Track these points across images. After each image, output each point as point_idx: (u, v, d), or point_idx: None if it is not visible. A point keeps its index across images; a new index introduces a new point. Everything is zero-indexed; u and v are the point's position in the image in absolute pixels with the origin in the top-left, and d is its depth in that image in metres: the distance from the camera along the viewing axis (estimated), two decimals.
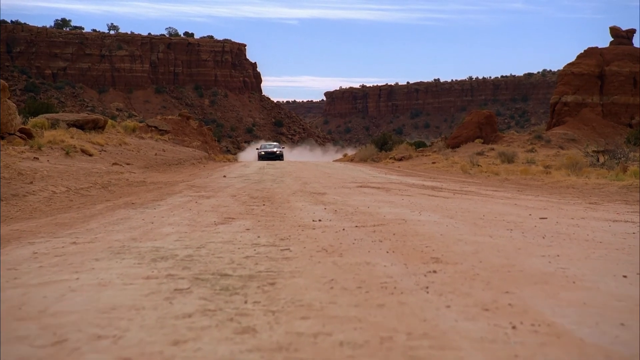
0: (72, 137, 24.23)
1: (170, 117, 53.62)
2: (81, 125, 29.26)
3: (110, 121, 34.80)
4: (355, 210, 5.47)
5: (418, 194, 8.17)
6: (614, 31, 54.54)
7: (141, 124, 53.16)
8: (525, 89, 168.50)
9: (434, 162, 37.10)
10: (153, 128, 52.86)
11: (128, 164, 20.92)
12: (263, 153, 42.38)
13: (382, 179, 15.01)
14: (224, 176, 16.26)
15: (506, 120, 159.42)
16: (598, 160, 35.41)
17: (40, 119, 27.75)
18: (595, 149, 40.15)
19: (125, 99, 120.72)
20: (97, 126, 30.47)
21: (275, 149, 43.81)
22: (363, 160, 50.12)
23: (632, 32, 54.07)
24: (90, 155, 20.97)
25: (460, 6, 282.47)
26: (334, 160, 52.69)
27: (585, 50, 52.98)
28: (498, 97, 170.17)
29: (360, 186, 10.52)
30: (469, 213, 5.71)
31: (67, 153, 20.00)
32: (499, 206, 6.43)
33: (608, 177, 20.20)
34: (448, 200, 6.95)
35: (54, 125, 27.66)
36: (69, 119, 29.30)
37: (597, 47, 53.63)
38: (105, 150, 23.22)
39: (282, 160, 40.95)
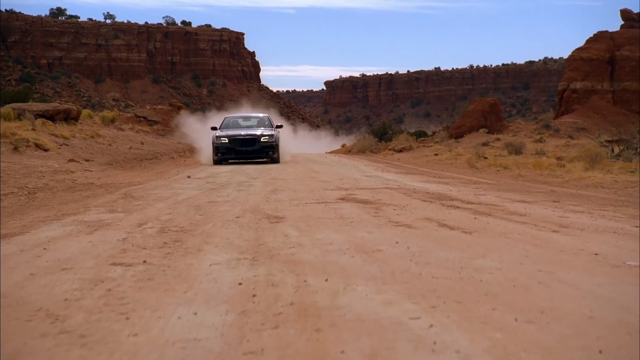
0: (33, 130, 21.48)
1: (160, 107, 50.81)
2: (51, 116, 26.39)
3: (86, 111, 31.99)
4: (296, 292, 2.65)
5: (422, 218, 5.38)
6: (625, 14, 51.56)
7: (129, 114, 50.36)
8: (526, 77, 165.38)
9: (436, 154, 34.23)
10: (142, 119, 50.01)
11: (88, 161, 18.13)
12: (226, 142, 18.92)
13: (377, 180, 12.22)
14: (188, 177, 13.51)
15: (507, 109, 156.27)
16: (613, 150, 32.68)
17: (6, 109, 24.89)
18: (609, 139, 37.33)
19: (122, 88, 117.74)
20: (69, 117, 27.59)
21: (258, 131, 19.35)
22: (361, 151, 47.27)
23: None
24: (46, 150, 18.19)
25: None
26: (330, 152, 49.77)
27: (594, 35, 50.00)
28: (499, 85, 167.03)
29: (344, 198, 7.72)
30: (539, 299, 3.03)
31: (16, 148, 17.20)
32: (568, 255, 3.61)
33: (638, 174, 17.47)
34: (474, 239, 4.17)
35: (20, 116, 24.78)
36: (37, 109, 26.44)
37: (607, 31, 50.63)
38: (67, 144, 20.44)
39: (275, 155, 19.20)
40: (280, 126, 21.52)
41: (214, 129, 20.15)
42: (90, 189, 11.31)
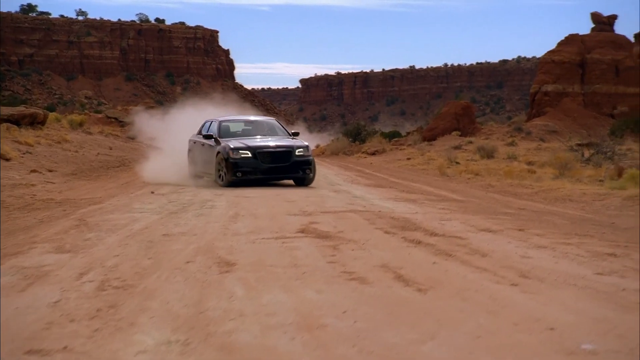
0: None
1: (131, 107, 50.14)
2: (16, 121, 25.80)
3: (53, 115, 31.38)
4: None
5: (379, 265, 5.17)
6: (596, 17, 51.91)
7: (99, 115, 49.64)
8: (500, 75, 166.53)
9: (408, 158, 34.15)
10: (113, 120, 49.31)
11: (51, 171, 17.68)
12: (248, 156, 14.31)
13: (344, 198, 11.98)
14: (152, 192, 13.17)
15: (481, 107, 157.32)
16: (583, 155, 32.78)
17: None
18: (579, 142, 37.47)
19: (95, 86, 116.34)
20: (35, 121, 27.02)
21: (286, 142, 15.15)
22: (335, 153, 47.09)
23: (613, 18, 51.44)
24: (8, 159, 17.71)
25: None
26: None
27: (566, 37, 50.28)
28: (473, 84, 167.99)
29: (304, 230, 7.50)
30: None
31: None
32: (522, 331, 3.36)
33: (607, 185, 17.42)
34: (428, 304, 3.93)
35: None
36: (2, 114, 25.85)
37: (578, 34, 50.96)
38: (31, 152, 19.94)
39: (312, 174, 15.03)
40: (297, 134, 16.15)
41: (208, 137, 15.17)
42: (48, 208, 10.96)
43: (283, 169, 14.58)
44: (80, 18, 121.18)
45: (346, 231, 7.43)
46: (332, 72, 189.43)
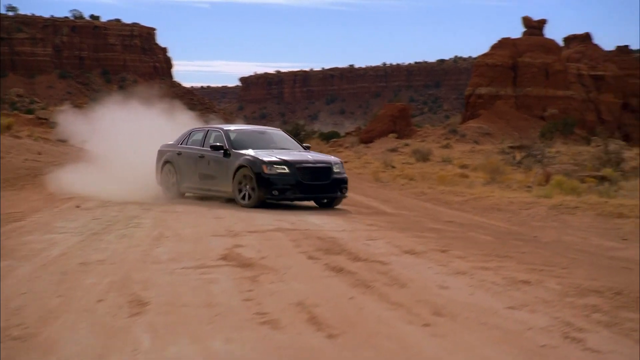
0: None
1: (58, 107, 48.80)
2: None
3: None
4: None
5: (295, 303, 5.08)
6: (527, 21, 53.17)
7: (30, 116, 48.22)
8: (437, 75, 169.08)
9: (345, 162, 34.27)
10: (44, 121, 47.94)
11: None
12: (286, 172, 12.33)
13: (274, 212, 11.88)
14: (77, 206, 12.79)
15: (419, 106, 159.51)
16: (514, 158, 33.56)
17: None
18: (511, 145, 38.37)
19: (27, 84, 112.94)
20: None
21: (322, 157, 13.82)
22: None
23: (543, 22, 52.77)
24: None
25: None
26: None
27: (499, 41, 51.36)
28: (411, 83, 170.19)
29: (226, 256, 7.38)
30: None
31: None
32: None
33: (534, 192, 17.82)
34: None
35: None
36: None
37: (510, 38, 52.11)
38: None
39: (346, 194, 13.50)
40: (308, 147, 14.40)
41: (216, 148, 13.07)
42: None
43: (322, 188, 12.72)
44: (10, 14, 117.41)
45: (269, 257, 7.35)
46: (271, 71, 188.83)
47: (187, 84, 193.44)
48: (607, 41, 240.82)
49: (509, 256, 7.85)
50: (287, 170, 12.33)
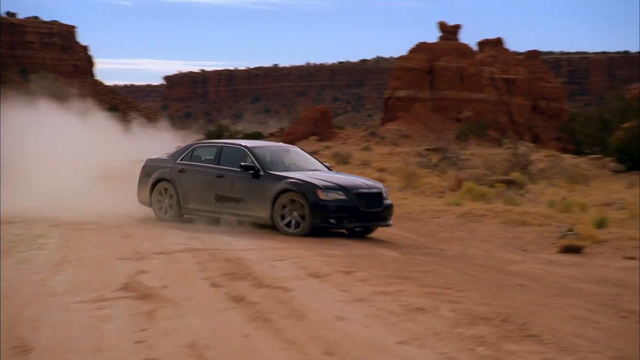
0: None
1: None
2: None
3: None
4: None
5: (187, 344, 5.00)
6: (442, 26, 54.29)
7: None
8: (360, 74, 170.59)
9: None
10: None
11: None
12: (343, 198, 11.07)
13: (185, 230, 11.64)
14: None
15: (343, 105, 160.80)
16: (430, 161, 34.20)
17: None
18: (428, 147, 39.13)
19: None
20: None
21: (369, 181, 12.25)
22: None
23: (457, 27, 54.05)
24: None
25: None
26: None
27: (416, 45, 52.25)
28: (335, 82, 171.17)
29: (127, 285, 7.20)
30: None
31: None
32: None
33: (445, 199, 18.13)
34: None
35: None
36: None
37: (427, 43, 53.12)
38: None
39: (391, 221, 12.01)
40: (330, 167, 13.05)
41: (246, 168, 11.53)
42: None
43: (376, 215, 11.46)
44: None
45: (171, 285, 7.20)
46: (196, 70, 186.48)
47: (110, 82, 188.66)
48: (517, 46, 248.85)
49: (410, 277, 7.93)
50: (344, 197, 11.00)
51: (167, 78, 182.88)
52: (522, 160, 28.82)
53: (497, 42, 57.92)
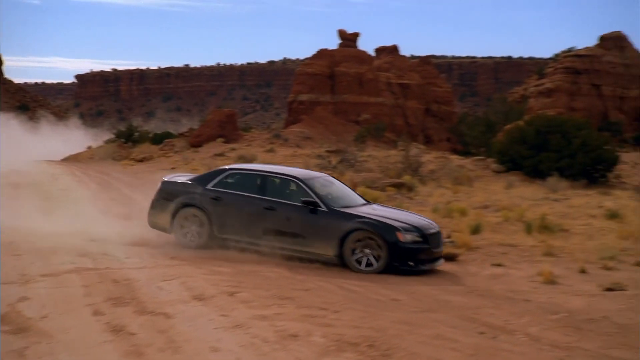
0: None
1: None
2: None
3: None
4: None
5: None
6: (342, 34, 54.81)
7: None
8: (268, 75, 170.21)
9: (173, 168, 33.42)
10: None
11: None
12: (419, 239, 10.18)
13: (79, 241, 11.14)
14: None
15: (252, 104, 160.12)
16: (330, 162, 34.38)
17: None
18: (329, 149, 39.33)
19: None
20: None
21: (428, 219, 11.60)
22: (104, 158, 44.78)
23: (356, 35, 54.72)
24: None
25: None
26: (70, 158, 45.99)
27: (318, 52, 52.56)
28: (244, 82, 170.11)
29: (4, 317, 6.79)
30: None
31: None
32: None
33: None
34: None
35: None
36: None
37: (328, 49, 53.53)
38: None
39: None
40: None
41: (309, 203, 10.42)
42: None
43: (439, 256, 10.70)
44: None
45: (52, 315, 6.84)
46: (108, 69, 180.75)
47: (20, 79, 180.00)
48: (414, 49, 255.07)
49: (291, 297, 7.88)
50: (419, 238, 10.14)
51: (78, 76, 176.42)
52: (413, 163, 29.42)
53: (393, 49, 59.06)
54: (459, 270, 10.74)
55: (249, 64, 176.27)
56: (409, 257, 10.00)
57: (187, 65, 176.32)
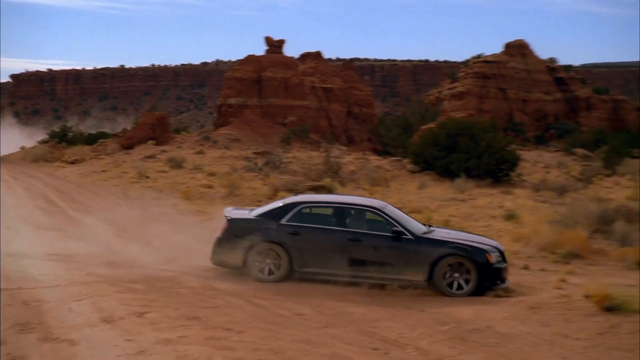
0: None
1: None
2: None
3: None
4: None
5: None
6: (268, 41, 54.47)
7: None
8: (202, 76, 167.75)
9: (104, 171, 32.41)
10: None
11: None
12: (496, 262, 10.10)
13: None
14: None
15: (186, 104, 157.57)
16: (256, 164, 34.13)
17: None
18: (256, 150, 39.05)
19: None
20: None
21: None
22: (36, 160, 42.99)
23: (282, 41, 54.53)
24: None
25: None
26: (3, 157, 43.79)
27: (245, 58, 52.10)
28: (179, 82, 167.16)
29: None
30: None
31: None
32: None
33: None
34: None
35: None
36: None
37: (255, 55, 53.13)
38: None
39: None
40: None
41: (398, 233, 10.25)
42: None
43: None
44: None
45: None
46: (43, 69, 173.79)
47: None
48: (338, 53, 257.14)
49: (198, 317, 7.67)
50: (501, 258, 10.19)
51: (13, 76, 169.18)
52: (334, 165, 29.54)
53: (317, 55, 59.25)
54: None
55: (183, 65, 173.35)
56: (497, 276, 9.94)
57: (122, 66, 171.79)
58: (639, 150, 50.68)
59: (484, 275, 9.83)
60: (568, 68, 76.31)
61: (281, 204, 10.89)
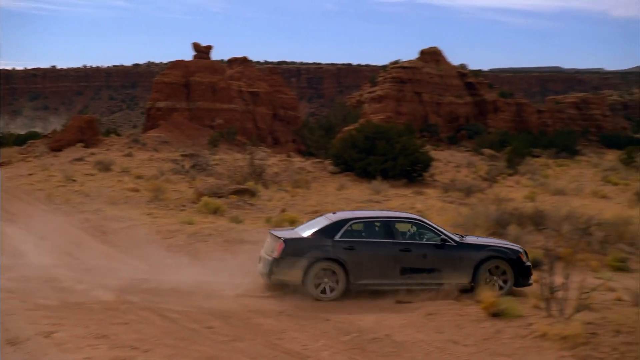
0: None
1: None
2: None
3: None
4: None
5: None
6: (196, 47, 53.47)
7: None
8: (134, 77, 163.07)
9: (30, 174, 30.84)
10: None
11: None
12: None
13: None
14: None
15: (118, 104, 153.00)
16: (184, 167, 33.37)
17: None
18: (184, 153, 38.21)
19: None
20: None
21: None
22: None
23: (209, 47, 53.67)
24: None
25: None
26: None
27: (173, 63, 50.94)
28: (111, 83, 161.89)
29: None
30: None
31: None
32: None
33: (182, 217, 17.60)
34: None
35: None
36: None
37: (183, 60, 52.06)
38: None
39: None
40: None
41: (444, 241, 10.44)
42: None
43: None
44: None
45: None
46: None
47: None
48: (266, 56, 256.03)
49: (107, 335, 7.35)
50: (528, 258, 10.63)
51: None
52: (257, 168, 29.26)
53: (244, 60, 58.70)
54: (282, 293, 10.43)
55: (115, 66, 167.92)
56: (529, 274, 10.35)
57: (54, 66, 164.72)
58: (539, 150, 53.10)
59: (519, 273, 10.26)
60: (477, 73, 78.94)
61: (331, 221, 10.71)
